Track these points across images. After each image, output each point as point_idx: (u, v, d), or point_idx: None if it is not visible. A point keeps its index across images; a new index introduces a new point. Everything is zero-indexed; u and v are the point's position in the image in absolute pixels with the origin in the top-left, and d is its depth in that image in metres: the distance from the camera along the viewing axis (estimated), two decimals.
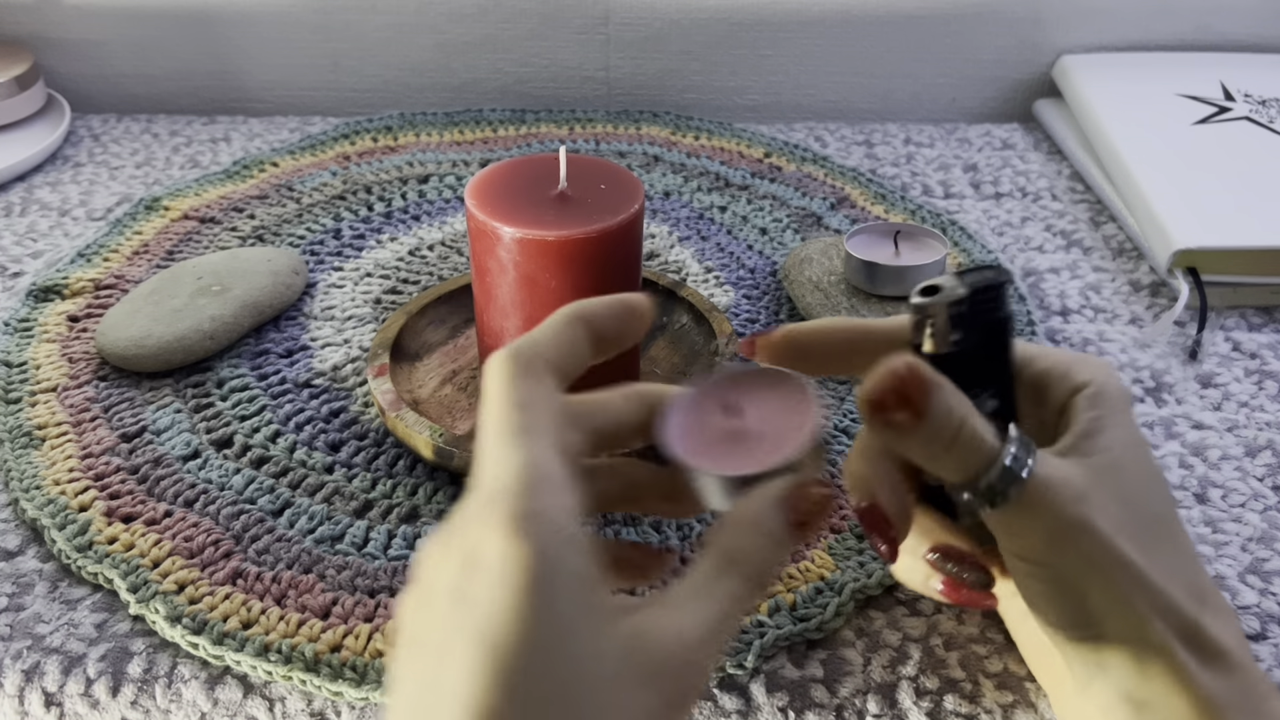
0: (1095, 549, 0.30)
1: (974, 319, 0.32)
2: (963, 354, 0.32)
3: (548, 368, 0.29)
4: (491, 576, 0.23)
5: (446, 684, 0.23)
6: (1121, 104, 0.72)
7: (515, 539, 0.24)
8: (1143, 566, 0.30)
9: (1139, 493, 0.32)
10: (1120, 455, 0.32)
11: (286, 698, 0.37)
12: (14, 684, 0.37)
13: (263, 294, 0.55)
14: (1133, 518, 0.31)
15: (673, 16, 0.79)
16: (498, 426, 0.27)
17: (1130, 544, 0.30)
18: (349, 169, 0.71)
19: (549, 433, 0.27)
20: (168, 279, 0.55)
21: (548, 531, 0.24)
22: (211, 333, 0.52)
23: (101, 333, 0.52)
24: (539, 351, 0.29)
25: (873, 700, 0.37)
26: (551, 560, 0.24)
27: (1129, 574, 0.30)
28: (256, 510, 0.44)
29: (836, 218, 0.66)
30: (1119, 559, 0.30)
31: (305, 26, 0.79)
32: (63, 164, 0.72)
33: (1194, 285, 0.57)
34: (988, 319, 0.32)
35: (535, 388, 0.28)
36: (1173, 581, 0.31)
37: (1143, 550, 0.31)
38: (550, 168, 0.44)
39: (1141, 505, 0.32)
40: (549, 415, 0.27)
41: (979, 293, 0.31)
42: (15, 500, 0.45)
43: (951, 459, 0.30)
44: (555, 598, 0.23)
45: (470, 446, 0.43)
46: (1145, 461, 0.33)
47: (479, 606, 0.23)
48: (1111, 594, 0.30)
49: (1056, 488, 0.30)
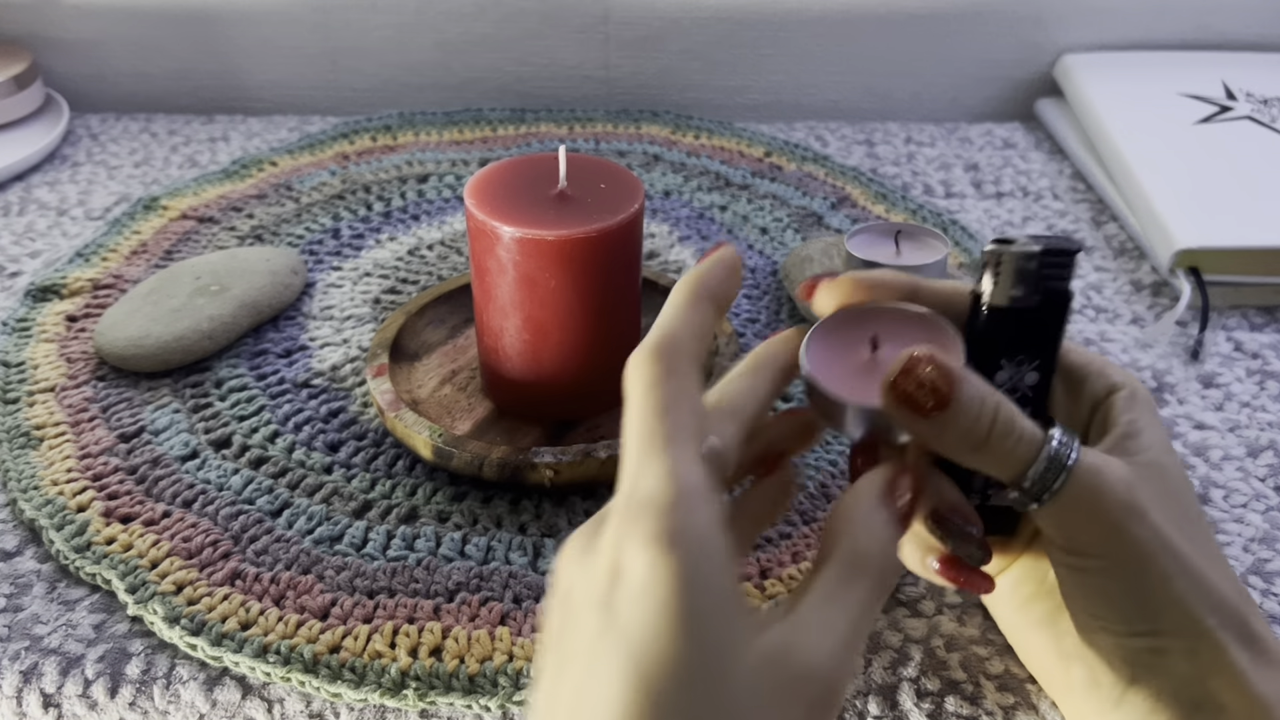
0: (1152, 535, 0.30)
1: (1039, 279, 0.31)
2: (1019, 312, 0.32)
3: (689, 362, 0.28)
4: (640, 593, 0.24)
5: (595, 701, 0.23)
6: (1123, 103, 0.71)
7: (663, 555, 0.24)
8: (1197, 560, 0.30)
9: (1181, 492, 0.32)
10: (1161, 456, 0.32)
11: (285, 699, 0.37)
12: (12, 685, 0.37)
13: (261, 294, 0.54)
14: (1181, 515, 0.31)
15: (673, 16, 0.79)
16: (641, 434, 0.26)
17: (1183, 539, 0.30)
18: (348, 168, 0.71)
19: (693, 440, 0.27)
20: (166, 279, 0.55)
21: (694, 547, 0.24)
22: (210, 332, 0.52)
23: (100, 332, 0.52)
24: (678, 346, 0.28)
25: (873, 702, 0.37)
26: (698, 577, 0.24)
27: (1185, 564, 0.30)
28: (255, 511, 0.44)
29: (837, 217, 0.66)
30: (1174, 548, 0.30)
31: (304, 26, 0.79)
32: (61, 163, 0.71)
33: (1196, 285, 0.57)
34: (1051, 284, 0.32)
35: (678, 390, 0.27)
36: (1224, 578, 0.31)
37: (1194, 546, 0.30)
38: (550, 167, 0.44)
39: (1184, 504, 0.31)
40: (693, 420, 0.27)
41: (1050, 254, 0.31)
42: (13, 500, 0.44)
43: (991, 453, 0.29)
44: (703, 618, 0.24)
45: (469, 447, 0.43)
46: (1181, 465, 0.33)
47: (629, 625, 0.24)
48: (1169, 586, 0.30)
49: (1106, 473, 0.30)
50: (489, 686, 0.37)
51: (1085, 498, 0.30)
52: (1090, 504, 0.30)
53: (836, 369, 0.32)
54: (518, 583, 0.41)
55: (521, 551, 0.42)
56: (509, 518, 0.44)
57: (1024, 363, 0.33)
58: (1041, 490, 0.30)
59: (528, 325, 0.44)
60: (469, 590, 0.40)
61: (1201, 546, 0.31)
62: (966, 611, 0.40)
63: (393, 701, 0.36)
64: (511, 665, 0.37)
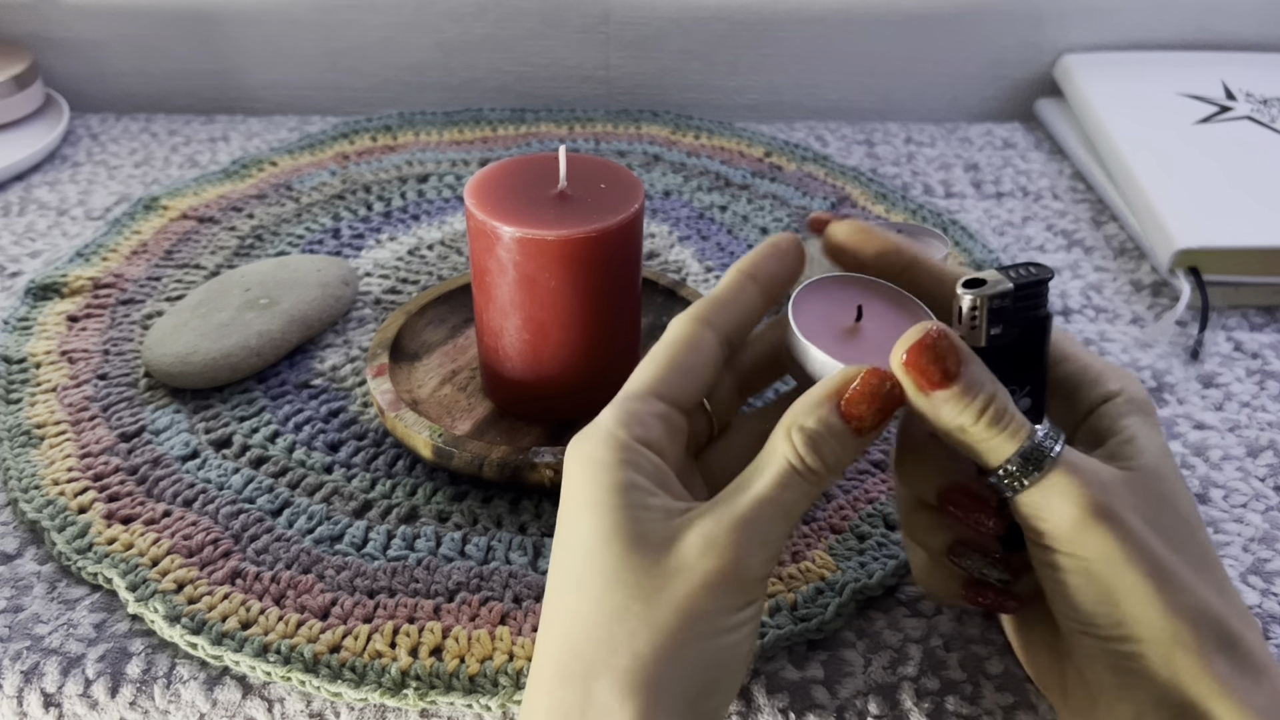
0: (1125, 541, 0.30)
1: (1016, 314, 0.32)
2: (1001, 349, 0.32)
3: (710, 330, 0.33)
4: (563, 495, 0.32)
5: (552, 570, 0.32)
6: (1123, 103, 0.71)
7: (573, 466, 0.31)
8: (1176, 567, 0.30)
9: (1175, 499, 0.32)
10: (1156, 462, 0.32)
11: (285, 698, 0.37)
12: (13, 685, 0.37)
13: (311, 307, 0.53)
14: (1169, 522, 0.31)
15: (673, 16, 0.79)
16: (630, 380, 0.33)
17: (1164, 545, 0.30)
18: (348, 168, 0.71)
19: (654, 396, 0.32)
20: (215, 290, 0.54)
21: (595, 464, 0.31)
22: (259, 349, 0.50)
23: (147, 347, 0.51)
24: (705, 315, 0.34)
25: (873, 701, 0.37)
26: (594, 482, 0.30)
27: (1160, 572, 0.30)
28: (255, 510, 0.44)
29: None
30: (1150, 555, 0.30)
31: (304, 26, 0.79)
32: (61, 163, 0.71)
33: (1195, 285, 0.57)
34: (1029, 316, 0.32)
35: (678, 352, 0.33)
36: (1207, 587, 0.31)
37: (1177, 553, 0.30)
38: (550, 167, 0.44)
39: (1178, 512, 0.31)
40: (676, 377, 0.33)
41: (1023, 288, 0.32)
42: (14, 500, 0.44)
43: (984, 431, 0.30)
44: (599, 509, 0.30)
45: (469, 447, 0.43)
46: (1177, 471, 0.33)
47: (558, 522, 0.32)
48: (1142, 591, 0.30)
49: (1086, 473, 0.30)
50: (489, 686, 0.37)
51: (1059, 493, 0.30)
52: (1063, 501, 0.30)
53: (819, 328, 0.32)
54: (518, 582, 0.41)
55: (521, 551, 0.42)
56: (509, 518, 0.44)
57: (1015, 392, 0.33)
58: (1020, 478, 0.30)
59: (528, 325, 0.44)
60: (469, 590, 0.40)
61: (1191, 555, 0.31)
62: (965, 611, 0.40)
63: (393, 701, 0.36)
64: (512, 665, 0.37)
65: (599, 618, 0.29)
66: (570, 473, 0.31)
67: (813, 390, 0.31)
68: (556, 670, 0.30)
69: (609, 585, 0.29)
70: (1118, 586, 0.30)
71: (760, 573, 0.30)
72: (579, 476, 0.31)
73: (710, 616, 0.29)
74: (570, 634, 0.30)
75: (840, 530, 0.43)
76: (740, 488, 0.30)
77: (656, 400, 0.32)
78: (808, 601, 0.40)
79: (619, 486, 0.30)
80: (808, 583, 0.41)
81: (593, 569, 0.29)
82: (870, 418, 0.30)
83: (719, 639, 0.30)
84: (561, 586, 0.31)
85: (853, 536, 0.43)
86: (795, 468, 0.30)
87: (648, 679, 0.28)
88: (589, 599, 0.29)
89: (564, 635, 0.30)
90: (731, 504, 0.30)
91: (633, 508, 0.30)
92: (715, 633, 0.29)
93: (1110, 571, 0.30)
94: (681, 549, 0.29)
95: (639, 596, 0.29)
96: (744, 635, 0.31)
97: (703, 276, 0.60)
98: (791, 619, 0.39)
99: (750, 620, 0.31)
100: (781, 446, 0.30)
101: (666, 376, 0.32)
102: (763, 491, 0.30)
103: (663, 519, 0.30)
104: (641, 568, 0.29)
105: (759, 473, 0.30)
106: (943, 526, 0.35)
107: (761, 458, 0.31)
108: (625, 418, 0.31)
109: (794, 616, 0.39)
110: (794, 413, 0.31)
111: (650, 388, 0.32)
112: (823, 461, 0.30)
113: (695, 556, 0.29)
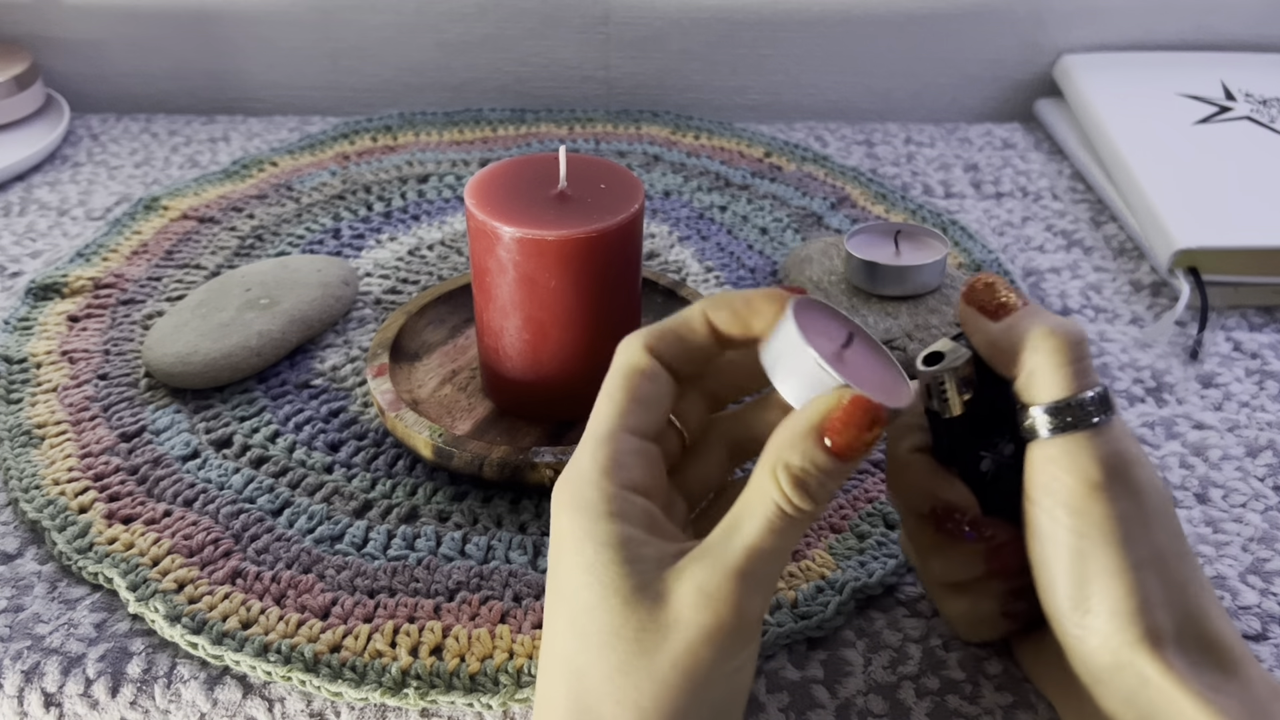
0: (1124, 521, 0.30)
1: (983, 374, 0.33)
2: (976, 410, 0.33)
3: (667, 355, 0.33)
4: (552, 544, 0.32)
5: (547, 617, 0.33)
6: (1122, 103, 0.72)
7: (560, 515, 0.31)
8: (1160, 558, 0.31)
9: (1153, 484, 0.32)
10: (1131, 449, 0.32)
11: (286, 698, 0.37)
12: (14, 684, 0.37)
13: (312, 307, 0.53)
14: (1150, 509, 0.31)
15: (673, 16, 0.79)
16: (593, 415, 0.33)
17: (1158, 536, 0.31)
18: (348, 168, 0.71)
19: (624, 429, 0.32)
20: (216, 290, 0.54)
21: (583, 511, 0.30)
22: (259, 349, 0.50)
23: (148, 346, 0.51)
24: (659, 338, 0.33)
25: (874, 700, 0.37)
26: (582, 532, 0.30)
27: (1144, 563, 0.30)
28: (256, 510, 0.44)
29: (837, 217, 0.66)
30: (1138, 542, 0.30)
31: (305, 26, 0.79)
32: (61, 164, 0.71)
33: (1195, 285, 0.57)
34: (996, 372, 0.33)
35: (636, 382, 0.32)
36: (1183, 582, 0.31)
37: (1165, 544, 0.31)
38: (550, 167, 0.44)
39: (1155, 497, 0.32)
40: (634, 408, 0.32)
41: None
42: (15, 500, 0.44)
43: (1062, 359, 0.31)
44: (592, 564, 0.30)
45: (469, 447, 0.43)
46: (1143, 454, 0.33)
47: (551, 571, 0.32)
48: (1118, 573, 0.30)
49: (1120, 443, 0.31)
50: (490, 685, 0.37)
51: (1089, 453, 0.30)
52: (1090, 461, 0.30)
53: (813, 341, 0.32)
54: (518, 581, 0.41)
55: (521, 550, 0.42)
56: (509, 517, 0.44)
57: (998, 441, 0.34)
58: (1083, 415, 0.30)
59: (528, 325, 0.44)
60: (469, 589, 0.40)
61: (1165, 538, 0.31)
62: None
63: (394, 700, 0.36)
64: (512, 663, 0.37)
65: (602, 671, 0.29)
66: (561, 524, 0.31)
67: (794, 422, 0.30)
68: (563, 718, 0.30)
69: (610, 642, 0.29)
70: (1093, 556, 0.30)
71: (757, 615, 0.30)
72: (569, 529, 0.30)
73: (710, 666, 0.29)
74: (575, 686, 0.30)
75: (840, 530, 0.43)
76: (730, 532, 0.30)
77: (630, 436, 0.32)
78: (808, 599, 0.40)
79: (612, 542, 0.30)
80: (808, 581, 0.41)
81: (593, 625, 0.29)
82: (857, 445, 0.29)
83: (720, 685, 0.30)
84: (563, 634, 0.31)
85: (853, 536, 0.43)
86: (785, 511, 0.29)
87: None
88: (591, 653, 0.29)
89: (569, 686, 0.30)
90: (723, 552, 0.29)
91: (627, 562, 0.29)
92: (717, 680, 0.29)
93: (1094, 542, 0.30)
94: (677, 601, 0.29)
95: (640, 653, 0.29)
96: (744, 676, 0.31)
97: (703, 276, 0.60)
98: (792, 616, 0.39)
99: (749, 659, 0.31)
100: (768, 488, 0.29)
101: (631, 409, 0.32)
102: (754, 540, 0.29)
103: (656, 569, 0.30)
104: (639, 623, 0.29)
105: (748, 516, 0.30)
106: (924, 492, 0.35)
107: (748, 498, 0.30)
108: (608, 464, 0.31)
109: (794, 614, 0.39)
110: (777, 448, 0.29)
111: (621, 424, 0.32)
112: (812, 500, 0.29)
113: (691, 611, 0.29)
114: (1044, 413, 0.31)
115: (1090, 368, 0.31)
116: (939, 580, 0.36)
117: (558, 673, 0.31)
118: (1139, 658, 0.30)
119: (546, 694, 0.31)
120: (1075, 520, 0.30)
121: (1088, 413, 0.30)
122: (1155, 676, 0.30)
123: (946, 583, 0.36)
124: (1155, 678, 0.30)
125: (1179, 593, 0.31)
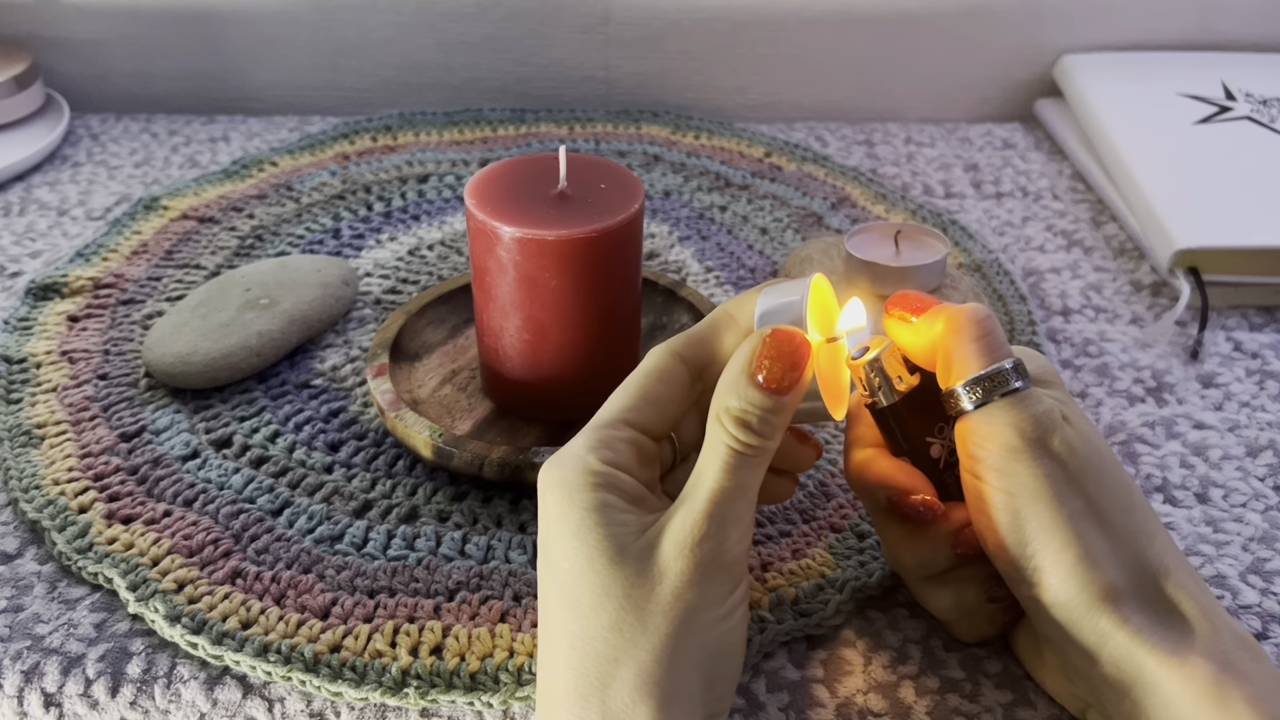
0: (1050, 479, 0.31)
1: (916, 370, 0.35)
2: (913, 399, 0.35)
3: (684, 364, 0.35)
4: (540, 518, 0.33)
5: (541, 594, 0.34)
6: (1123, 103, 0.72)
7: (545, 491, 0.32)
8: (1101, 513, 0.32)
9: (1085, 442, 0.33)
10: (1052, 411, 0.33)
11: (286, 698, 0.37)
12: (13, 685, 0.37)
13: (311, 307, 0.53)
14: (1079, 465, 0.32)
15: (673, 16, 0.79)
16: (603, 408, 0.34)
17: (1092, 491, 0.32)
18: (348, 168, 0.71)
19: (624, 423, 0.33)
20: (215, 290, 0.54)
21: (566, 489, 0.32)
22: (259, 349, 0.50)
23: (148, 347, 0.51)
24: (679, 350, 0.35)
25: (874, 700, 0.37)
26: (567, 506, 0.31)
27: (1079, 515, 0.31)
28: (256, 510, 0.44)
29: (837, 217, 0.66)
30: (1071, 498, 0.32)
31: (305, 26, 0.79)
32: (61, 164, 0.71)
33: (1195, 285, 0.57)
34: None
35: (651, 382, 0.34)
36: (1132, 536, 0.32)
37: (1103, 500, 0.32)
38: (550, 167, 0.44)
39: (1086, 453, 0.32)
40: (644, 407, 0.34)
41: None
42: (15, 500, 0.44)
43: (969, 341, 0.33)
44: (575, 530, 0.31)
45: (469, 447, 0.43)
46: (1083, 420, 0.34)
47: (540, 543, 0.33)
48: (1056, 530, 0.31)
49: (1036, 408, 0.32)
50: (490, 684, 0.37)
51: (1004, 420, 0.32)
52: (1006, 428, 0.32)
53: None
54: (518, 581, 0.41)
55: (521, 550, 0.42)
56: (509, 517, 0.44)
57: (943, 428, 0.36)
58: (1004, 381, 0.32)
59: (528, 325, 0.44)
60: (469, 589, 0.40)
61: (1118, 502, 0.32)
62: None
63: (394, 700, 0.36)
64: (512, 662, 0.37)
65: (597, 633, 0.30)
66: (545, 498, 0.32)
67: (727, 368, 0.32)
68: (567, 691, 0.31)
69: (600, 602, 0.30)
70: (1029, 513, 0.32)
71: (736, 552, 0.31)
72: (554, 501, 0.32)
73: (700, 610, 0.30)
74: (573, 654, 0.31)
75: (840, 529, 0.43)
76: (696, 484, 0.32)
77: (626, 427, 0.33)
78: (808, 597, 0.40)
79: (593, 507, 0.31)
80: (808, 579, 0.41)
81: (582, 589, 0.31)
82: (784, 376, 0.31)
83: (713, 629, 0.31)
84: (555, 607, 0.32)
85: (852, 535, 0.43)
86: (736, 450, 0.31)
87: (655, 683, 0.30)
88: (584, 618, 0.31)
89: (567, 657, 0.31)
90: (692, 501, 0.31)
91: (609, 525, 0.31)
92: (708, 624, 0.31)
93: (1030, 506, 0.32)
94: (659, 555, 0.31)
95: (630, 608, 0.30)
96: (736, 621, 0.32)
97: (703, 276, 0.60)
98: (792, 614, 0.39)
99: (739, 604, 0.32)
100: (718, 433, 0.32)
101: (637, 405, 0.34)
102: (715, 483, 0.31)
103: (638, 531, 0.31)
104: (627, 580, 0.30)
105: (707, 465, 0.32)
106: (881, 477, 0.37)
107: (705, 448, 0.32)
108: (595, 444, 0.33)
109: (795, 611, 0.39)
110: (717, 396, 0.32)
111: (620, 415, 0.33)
112: (758, 435, 0.31)
113: (672, 558, 0.31)
114: (963, 389, 0.33)
115: (1000, 341, 0.33)
116: (916, 575, 0.37)
117: (556, 650, 0.31)
118: (1094, 614, 0.31)
119: (548, 675, 0.32)
120: (1004, 481, 0.32)
121: (1004, 380, 0.32)
122: (1113, 630, 0.31)
123: (925, 577, 0.37)
124: (1113, 632, 0.31)
125: (1127, 544, 0.32)
